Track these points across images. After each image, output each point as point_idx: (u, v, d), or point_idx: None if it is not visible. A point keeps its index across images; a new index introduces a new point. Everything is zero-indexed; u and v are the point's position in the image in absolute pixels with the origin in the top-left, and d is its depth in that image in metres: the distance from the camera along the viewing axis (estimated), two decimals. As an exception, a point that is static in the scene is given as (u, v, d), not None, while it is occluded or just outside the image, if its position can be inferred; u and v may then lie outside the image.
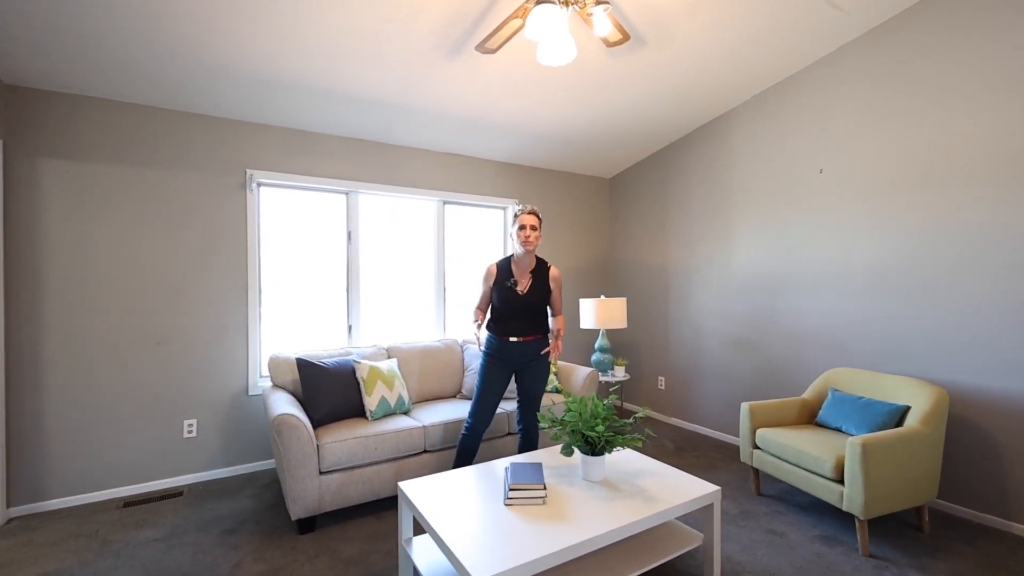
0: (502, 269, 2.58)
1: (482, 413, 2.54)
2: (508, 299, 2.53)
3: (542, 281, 2.59)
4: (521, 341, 2.56)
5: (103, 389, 2.78)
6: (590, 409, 2.13)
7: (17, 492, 2.60)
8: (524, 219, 2.53)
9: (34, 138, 2.63)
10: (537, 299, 2.57)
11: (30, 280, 2.62)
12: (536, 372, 2.61)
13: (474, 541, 1.61)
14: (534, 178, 4.40)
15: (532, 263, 2.60)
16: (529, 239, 2.51)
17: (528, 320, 2.57)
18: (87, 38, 2.30)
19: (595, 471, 2.07)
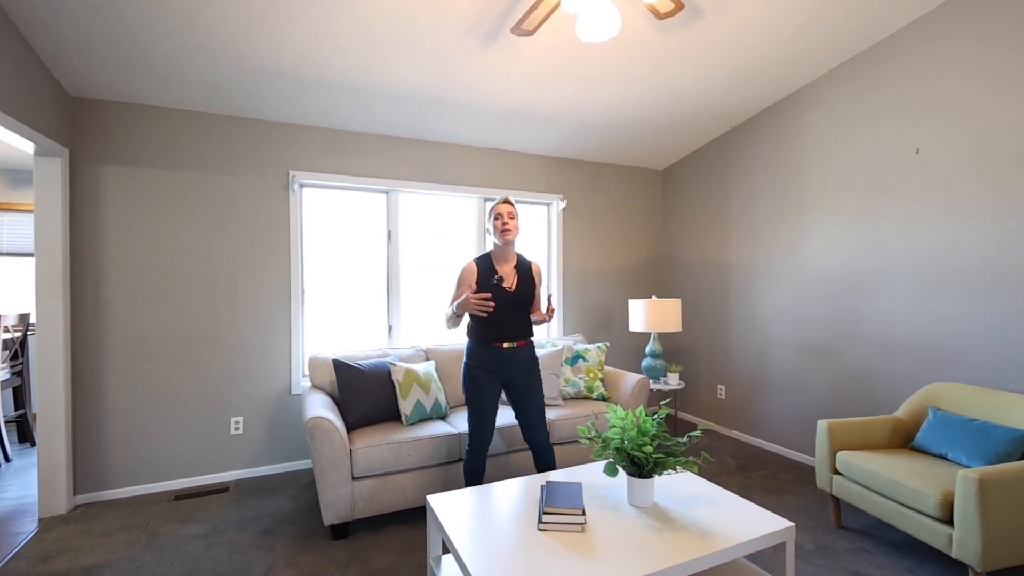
0: (483, 266, 2.28)
1: (481, 432, 2.28)
2: (496, 297, 2.23)
3: (527, 276, 2.35)
4: (514, 347, 2.29)
5: (158, 385, 2.89)
6: (637, 425, 1.90)
7: (82, 480, 2.75)
8: (499, 208, 2.27)
9: (96, 146, 2.76)
10: (527, 295, 2.31)
11: (93, 280, 2.75)
12: (530, 380, 2.32)
13: (499, 570, 1.45)
14: (580, 172, 4.17)
15: (513, 258, 2.35)
16: (508, 228, 2.25)
17: (520, 321, 2.30)
18: (139, 47, 2.36)
19: (643, 496, 1.83)
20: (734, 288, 3.83)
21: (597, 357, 3.35)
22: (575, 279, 4.14)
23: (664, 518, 1.74)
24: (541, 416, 2.36)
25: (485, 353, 2.26)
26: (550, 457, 2.37)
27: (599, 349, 3.40)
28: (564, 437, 2.89)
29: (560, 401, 3.11)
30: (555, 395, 3.11)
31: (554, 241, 4.08)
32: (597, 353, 3.37)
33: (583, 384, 3.25)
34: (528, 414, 2.33)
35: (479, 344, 2.28)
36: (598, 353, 3.37)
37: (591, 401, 3.20)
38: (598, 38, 1.93)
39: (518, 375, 2.31)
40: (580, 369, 3.29)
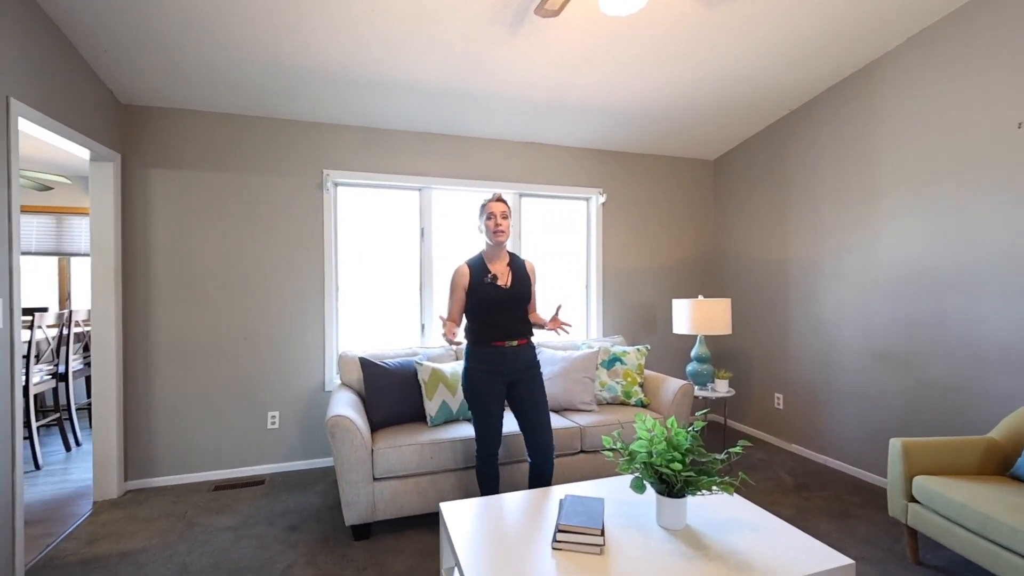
0: (475, 267, 2.20)
1: (489, 437, 2.17)
2: (491, 297, 2.14)
3: (522, 273, 2.25)
4: (516, 346, 2.17)
5: (200, 379, 3.00)
6: (669, 437, 1.71)
7: (132, 467, 2.90)
8: (492, 207, 2.17)
9: (145, 151, 2.90)
10: (522, 293, 2.20)
11: (142, 279, 2.90)
12: (534, 383, 2.20)
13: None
14: (622, 164, 3.95)
15: (505, 256, 2.26)
16: (500, 228, 2.15)
17: (517, 319, 2.19)
18: (177, 54, 2.45)
19: (673, 517, 1.64)
20: (794, 287, 3.48)
21: (636, 360, 3.14)
22: (615, 277, 3.93)
23: (697, 544, 1.55)
24: (548, 419, 2.20)
25: (486, 354, 2.15)
26: (549, 469, 2.19)
27: (639, 352, 3.18)
28: (596, 445, 2.72)
29: (594, 406, 2.94)
30: (589, 400, 2.93)
31: (593, 237, 3.89)
32: (636, 356, 3.16)
33: (620, 389, 3.05)
34: (531, 419, 2.18)
35: (478, 345, 2.17)
36: (637, 356, 3.16)
37: (629, 407, 3.00)
38: (624, 11, 1.76)
39: (521, 376, 2.19)
40: (617, 373, 3.09)
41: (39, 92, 2.13)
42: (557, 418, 2.80)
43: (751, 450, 3.52)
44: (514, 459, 2.57)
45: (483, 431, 2.16)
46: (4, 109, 1.91)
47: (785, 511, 2.60)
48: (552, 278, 3.84)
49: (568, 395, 2.93)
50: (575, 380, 2.96)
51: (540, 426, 2.18)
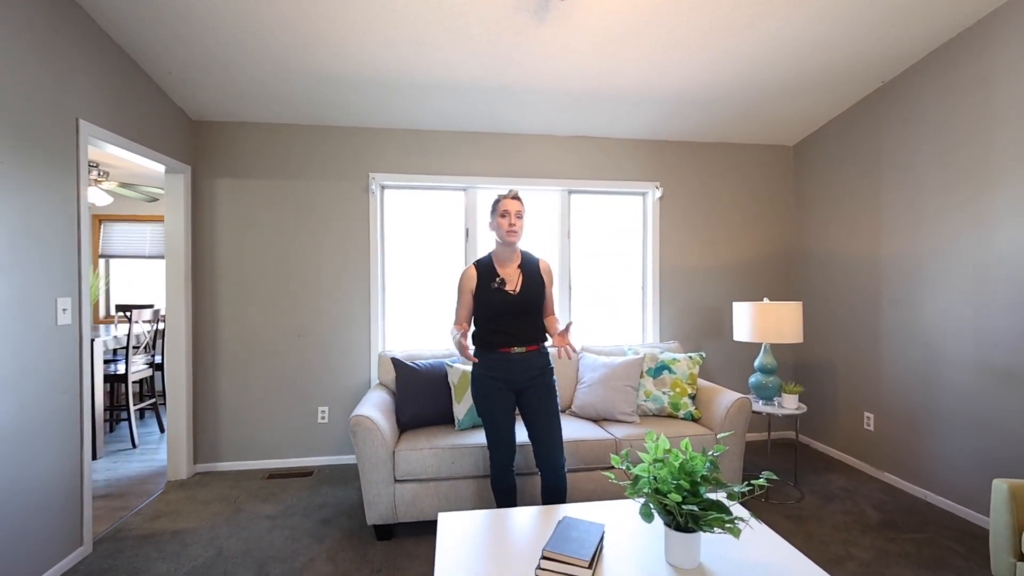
0: (484, 270, 2.07)
1: (502, 447, 2.06)
2: (498, 303, 2.01)
3: (534, 276, 2.09)
4: (525, 352, 2.03)
5: (259, 372, 3.22)
6: (679, 463, 1.49)
7: (200, 452, 3.18)
8: (507, 204, 2.01)
9: (212, 162, 3.17)
10: (532, 298, 2.05)
11: (209, 279, 3.17)
12: (543, 391, 2.05)
13: (469, 622, 1.22)
14: (684, 154, 3.63)
15: (517, 257, 2.11)
16: (514, 228, 2.00)
17: (527, 325, 2.04)
18: (229, 70, 2.63)
19: (683, 554, 1.43)
20: (887, 289, 2.96)
21: (688, 369, 2.85)
22: (673, 277, 3.62)
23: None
24: (556, 432, 2.05)
25: (492, 360, 2.04)
26: (561, 484, 2.04)
27: (691, 360, 2.89)
28: (635, 460, 2.49)
29: (636, 418, 2.70)
30: (630, 410, 2.71)
31: (650, 234, 3.62)
32: (688, 364, 2.87)
33: (667, 400, 2.78)
34: (540, 430, 2.04)
35: (485, 351, 2.05)
36: (689, 364, 2.87)
37: (676, 421, 2.73)
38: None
39: (530, 384, 2.05)
40: (665, 382, 2.83)
41: (109, 114, 2.39)
42: (592, 428, 2.61)
43: (831, 476, 3.05)
44: (533, 470, 2.43)
45: (494, 441, 2.05)
46: (74, 130, 2.16)
47: (861, 553, 2.19)
48: (605, 279, 3.63)
49: (607, 404, 2.73)
50: (615, 388, 2.75)
51: (548, 439, 2.03)
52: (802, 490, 2.88)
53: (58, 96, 2.08)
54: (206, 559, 2.19)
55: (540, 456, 2.04)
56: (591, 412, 2.78)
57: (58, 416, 2.09)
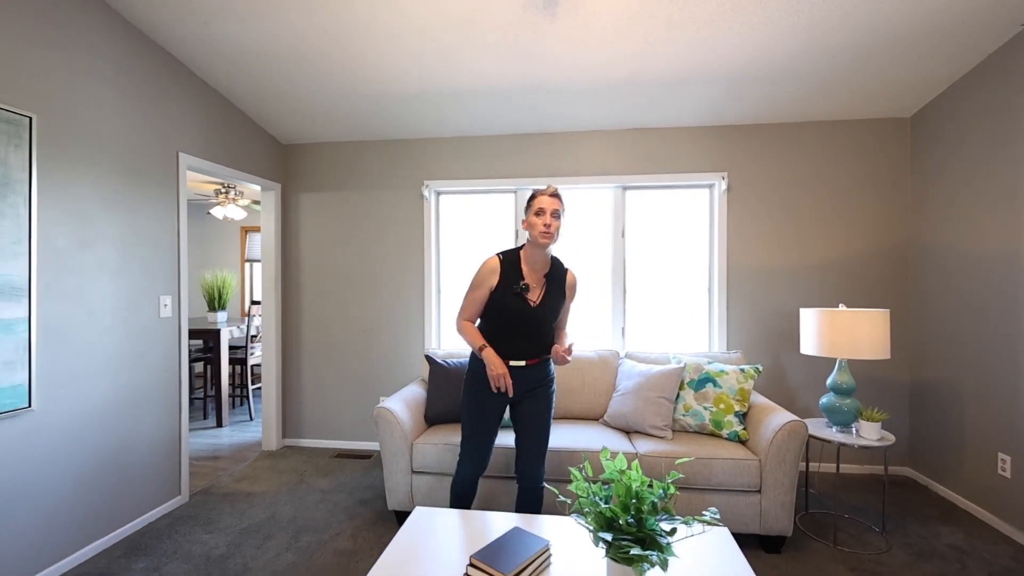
0: (509, 266, 1.88)
1: (476, 455, 1.97)
2: (515, 311, 1.85)
3: (558, 289, 1.93)
4: (525, 366, 1.91)
5: (332, 363, 3.64)
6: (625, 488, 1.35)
7: (287, 428, 3.70)
8: (544, 201, 1.82)
9: (296, 179, 3.67)
10: (550, 313, 1.90)
11: (294, 279, 3.68)
12: (540, 402, 1.95)
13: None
14: (757, 138, 3.20)
15: (547, 264, 1.93)
16: (549, 229, 1.81)
17: (537, 339, 1.91)
18: (301, 100, 3.04)
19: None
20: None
21: (737, 384, 2.53)
22: (742, 280, 3.22)
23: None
24: (543, 445, 1.95)
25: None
26: (536, 499, 1.96)
27: (742, 373, 2.55)
28: (657, 479, 2.29)
29: (668, 433, 2.48)
30: (662, 424, 2.49)
31: (716, 231, 3.26)
32: (738, 378, 2.54)
33: (709, 416, 2.50)
34: (526, 440, 1.95)
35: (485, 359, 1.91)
36: (740, 378, 2.54)
37: (717, 441, 2.43)
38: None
39: (526, 395, 1.97)
40: (707, 396, 2.54)
41: (205, 145, 2.92)
42: (616, 439, 2.46)
43: (942, 528, 2.44)
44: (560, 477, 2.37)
45: (469, 447, 1.97)
46: (174, 161, 2.69)
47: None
48: (665, 282, 3.36)
49: (637, 416, 2.55)
50: (647, 400, 2.55)
51: (532, 452, 1.95)
52: (890, 540, 2.36)
53: (162, 134, 2.61)
54: (261, 520, 2.56)
55: (520, 465, 1.98)
56: (621, 423, 2.62)
57: (161, 390, 2.62)
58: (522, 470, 1.97)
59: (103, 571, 2.13)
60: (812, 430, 2.43)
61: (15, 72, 1.92)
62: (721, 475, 2.23)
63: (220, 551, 2.28)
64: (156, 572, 2.12)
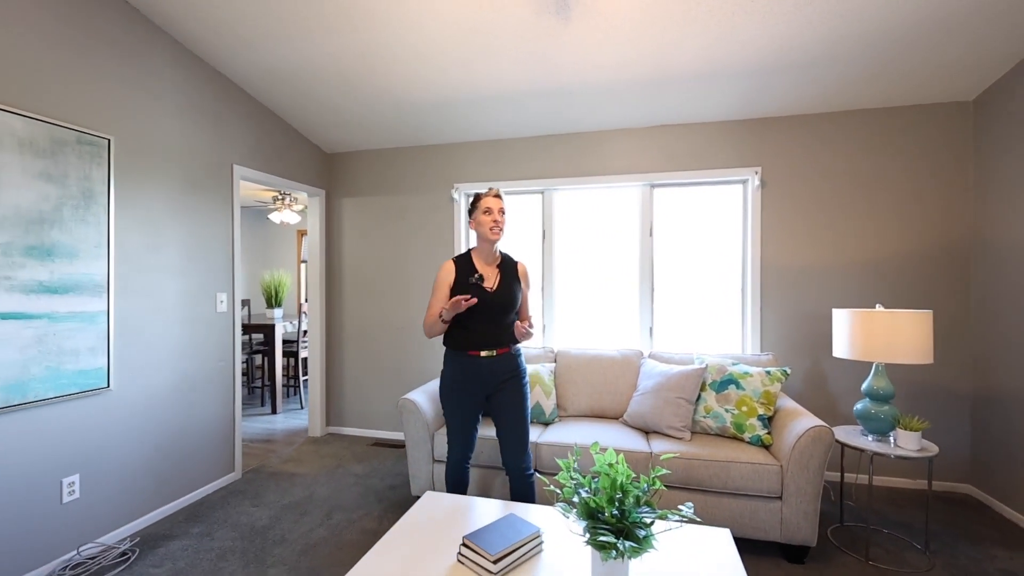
0: (462, 265, 2.07)
1: (459, 445, 2.11)
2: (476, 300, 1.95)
3: (511, 275, 2.11)
4: (495, 356, 2.03)
5: (372, 357, 3.86)
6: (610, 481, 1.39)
7: (331, 416, 3.98)
8: (489, 201, 2.04)
9: (339, 185, 3.93)
10: (508, 298, 2.05)
11: (337, 279, 3.94)
12: (513, 395, 2.05)
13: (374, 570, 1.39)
14: (792, 130, 3.06)
15: (497, 257, 2.13)
16: (498, 225, 2.03)
17: (499, 327, 2.04)
18: (338, 111, 3.27)
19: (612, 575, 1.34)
20: (1095, 296, 2.05)
21: (762, 386, 2.45)
22: (777, 279, 3.09)
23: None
24: (522, 436, 2.04)
25: (460, 362, 2.05)
26: (526, 488, 2.04)
27: (768, 376, 2.47)
28: (672, 479, 2.27)
29: (686, 434, 2.45)
30: (680, 426, 2.46)
31: (750, 228, 3.16)
32: (763, 380, 2.46)
33: (730, 419, 2.44)
34: (505, 432, 2.04)
35: (453, 352, 2.07)
36: (765, 381, 2.46)
37: (738, 444, 2.37)
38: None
39: (498, 388, 2.06)
40: (729, 398, 2.48)
41: (256, 157, 3.21)
42: (633, 439, 2.46)
43: (997, 552, 2.25)
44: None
45: (451, 439, 2.12)
46: (229, 172, 2.99)
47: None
48: (696, 281, 3.30)
49: (655, 416, 2.54)
50: (666, 400, 2.53)
51: (513, 443, 2.04)
52: (933, 559, 2.20)
53: (218, 149, 2.91)
54: (300, 498, 2.80)
55: (506, 458, 2.07)
56: (639, 423, 2.61)
57: (217, 377, 2.92)
58: (507, 461, 2.07)
59: (167, 533, 2.42)
60: (843, 437, 2.32)
61: (97, 102, 2.24)
62: (739, 479, 2.18)
63: (263, 523, 2.52)
64: (208, 537, 2.38)
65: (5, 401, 1.88)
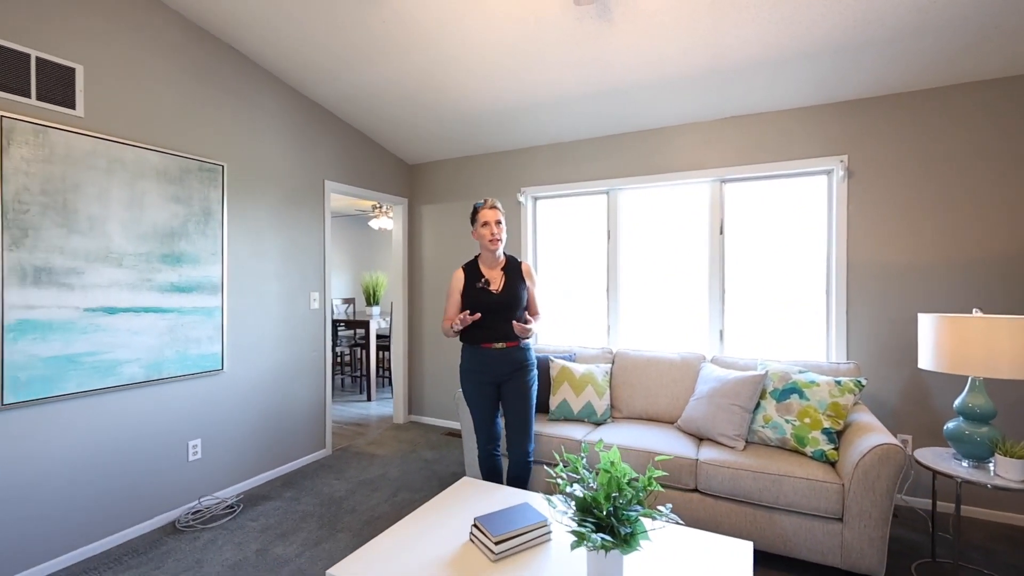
0: (470, 271, 2.32)
1: (484, 432, 2.31)
2: (482, 302, 2.23)
3: (516, 276, 2.32)
4: (504, 348, 2.24)
5: (446, 353, 4.15)
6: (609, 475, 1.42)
7: (413, 406, 4.34)
8: (486, 214, 2.26)
9: (419, 193, 4.27)
10: (514, 297, 2.26)
11: (418, 280, 4.29)
12: (520, 386, 2.25)
13: (388, 541, 1.57)
14: (885, 111, 2.71)
15: (501, 261, 2.34)
16: (495, 236, 2.25)
17: (507, 322, 2.23)
18: (416, 127, 3.59)
19: (605, 572, 1.38)
20: None
21: (829, 397, 2.23)
22: (866, 280, 2.75)
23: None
24: (525, 424, 2.22)
25: (475, 355, 2.27)
26: (523, 472, 2.22)
27: (839, 387, 2.24)
28: (718, 489, 2.17)
29: (739, 443, 2.31)
30: (733, 434, 2.33)
31: (835, 224, 2.86)
32: (831, 391, 2.24)
33: (791, 431, 2.26)
34: (510, 418, 2.24)
35: (469, 346, 2.30)
36: (834, 391, 2.24)
37: (797, 458, 2.18)
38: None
39: (508, 377, 2.24)
40: (790, 408, 2.29)
41: (345, 172, 3.64)
42: (680, 444, 2.39)
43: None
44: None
45: (478, 427, 2.33)
46: (321, 187, 3.44)
47: None
48: (774, 283, 3.06)
49: (708, 423, 2.43)
50: (720, 407, 2.42)
51: (517, 431, 2.24)
52: None
53: (311, 166, 3.37)
54: (375, 476, 3.13)
55: (509, 443, 2.26)
56: (692, 428, 2.52)
57: (310, 366, 3.38)
58: (510, 447, 2.26)
59: (265, 494, 2.88)
60: (929, 460, 2.02)
61: (214, 136, 2.74)
62: (791, 495, 2.02)
63: (340, 494, 2.88)
64: (296, 501, 2.79)
65: (147, 376, 2.40)
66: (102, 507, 2.28)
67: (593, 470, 2.17)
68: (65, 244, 2.11)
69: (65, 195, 2.11)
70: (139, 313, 2.37)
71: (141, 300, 2.38)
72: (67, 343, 2.11)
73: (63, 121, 2.13)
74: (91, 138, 2.19)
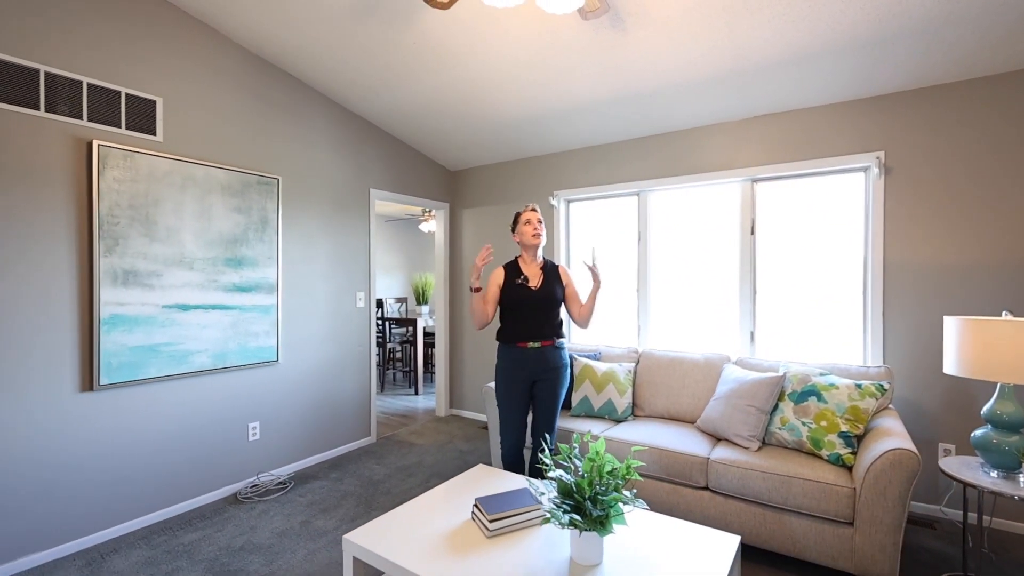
0: (510, 269, 2.43)
1: (511, 431, 2.39)
2: (520, 297, 2.33)
3: (553, 276, 2.43)
4: (540, 347, 2.34)
5: (483, 350, 4.34)
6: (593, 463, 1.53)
7: (453, 400, 4.58)
8: (528, 215, 2.41)
9: (460, 198, 4.50)
10: (551, 294, 2.36)
11: (459, 280, 4.52)
12: (552, 385, 2.36)
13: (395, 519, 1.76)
14: (922, 104, 2.57)
15: (540, 261, 2.46)
16: (538, 232, 2.39)
17: (545, 321, 2.34)
18: (452, 135, 3.82)
19: (583, 551, 1.49)
20: None
21: (848, 400, 2.19)
22: (904, 281, 2.63)
23: None
24: (551, 420, 2.33)
25: (510, 353, 2.36)
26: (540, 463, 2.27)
27: (859, 390, 2.19)
28: (728, 488, 2.19)
29: (753, 444, 2.31)
30: (747, 435, 2.33)
31: (871, 223, 2.75)
32: (851, 394, 2.19)
33: (806, 433, 2.23)
34: (541, 414, 2.36)
35: (505, 344, 2.39)
36: (854, 395, 2.19)
37: (812, 461, 2.16)
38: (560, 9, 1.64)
39: (542, 376, 2.33)
40: (807, 411, 2.26)
41: (389, 180, 3.93)
42: (693, 443, 2.42)
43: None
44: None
45: (505, 426, 2.39)
46: (367, 195, 3.74)
47: None
48: (807, 284, 2.98)
49: (724, 423, 2.44)
50: (736, 407, 2.42)
51: (542, 424, 2.34)
52: None
53: (358, 176, 3.67)
54: (412, 463, 3.38)
55: (535, 434, 2.38)
56: (710, 428, 2.53)
57: (355, 361, 3.69)
58: (535, 438, 2.38)
59: (314, 474, 3.20)
60: (954, 468, 1.94)
61: (271, 152, 3.09)
62: (800, 497, 2.01)
63: (379, 477, 3.15)
64: (340, 481, 3.08)
65: (213, 364, 2.77)
66: (178, 476, 2.67)
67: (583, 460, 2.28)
68: (147, 250, 2.50)
69: (147, 209, 2.50)
70: (207, 310, 2.74)
71: (209, 298, 2.75)
72: (148, 335, 2.51)
73: (146, 146, 2.52)
74: (168, 160, 2.57)
